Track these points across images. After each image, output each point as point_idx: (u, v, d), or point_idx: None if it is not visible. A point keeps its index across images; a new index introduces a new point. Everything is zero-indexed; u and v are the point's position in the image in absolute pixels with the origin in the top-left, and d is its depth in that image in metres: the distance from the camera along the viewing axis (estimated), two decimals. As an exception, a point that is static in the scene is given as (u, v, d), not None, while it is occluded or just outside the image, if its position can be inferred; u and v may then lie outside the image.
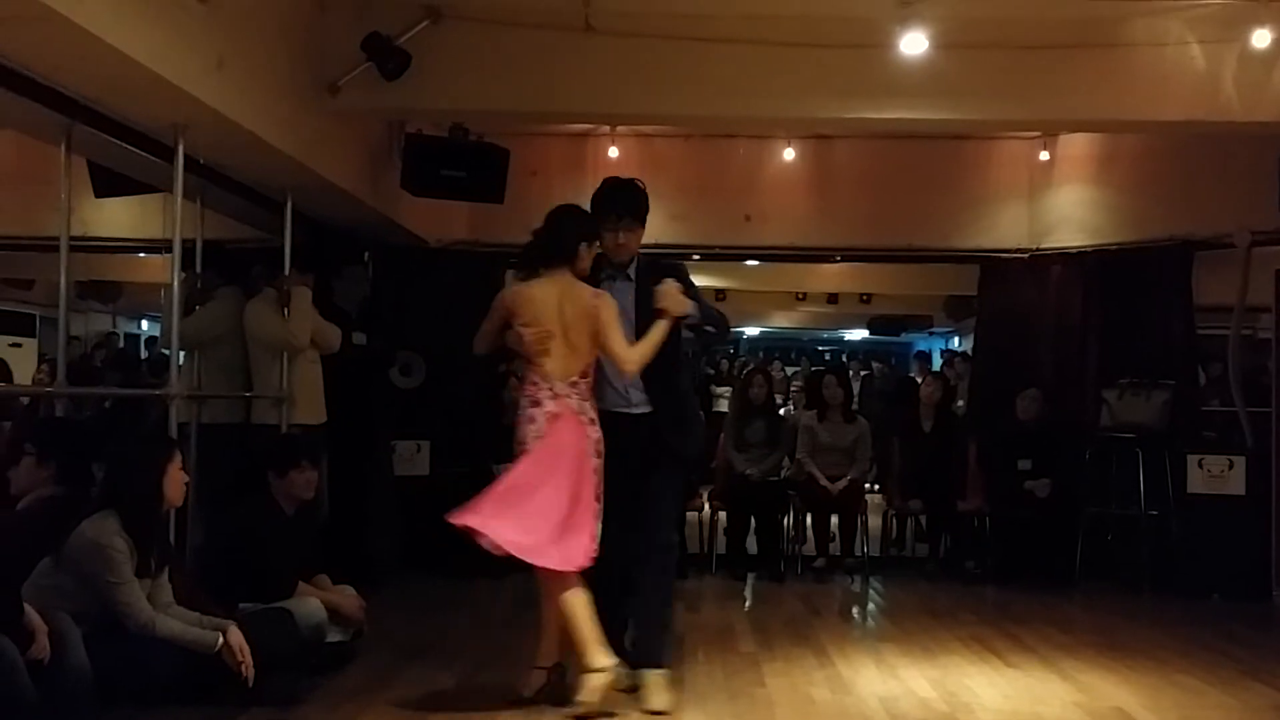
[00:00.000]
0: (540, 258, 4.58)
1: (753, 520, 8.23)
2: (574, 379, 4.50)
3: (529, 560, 4.32)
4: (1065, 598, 7.50)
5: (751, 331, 19.92)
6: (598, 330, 4.48)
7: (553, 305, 4.50)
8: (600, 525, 4.46)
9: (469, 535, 4.30)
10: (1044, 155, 8.57)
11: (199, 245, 6.36)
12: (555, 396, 4.47)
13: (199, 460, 5.84)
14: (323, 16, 6.12)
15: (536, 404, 4.48)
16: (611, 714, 4.40)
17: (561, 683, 4.57)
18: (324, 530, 6.02)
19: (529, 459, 4.42)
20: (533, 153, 8.33)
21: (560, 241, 4.56)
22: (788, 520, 8.35)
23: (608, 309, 4.52)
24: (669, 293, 4.55)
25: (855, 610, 7.50)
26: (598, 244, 4.65)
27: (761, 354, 19.17)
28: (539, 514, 4.33)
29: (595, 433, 4.51)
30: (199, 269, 6.38)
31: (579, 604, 4.39)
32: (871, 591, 7.86)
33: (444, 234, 8.54)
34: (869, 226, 8.77)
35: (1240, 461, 7.52)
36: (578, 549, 4.34)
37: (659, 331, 4.53)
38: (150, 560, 4.33)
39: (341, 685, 4.85)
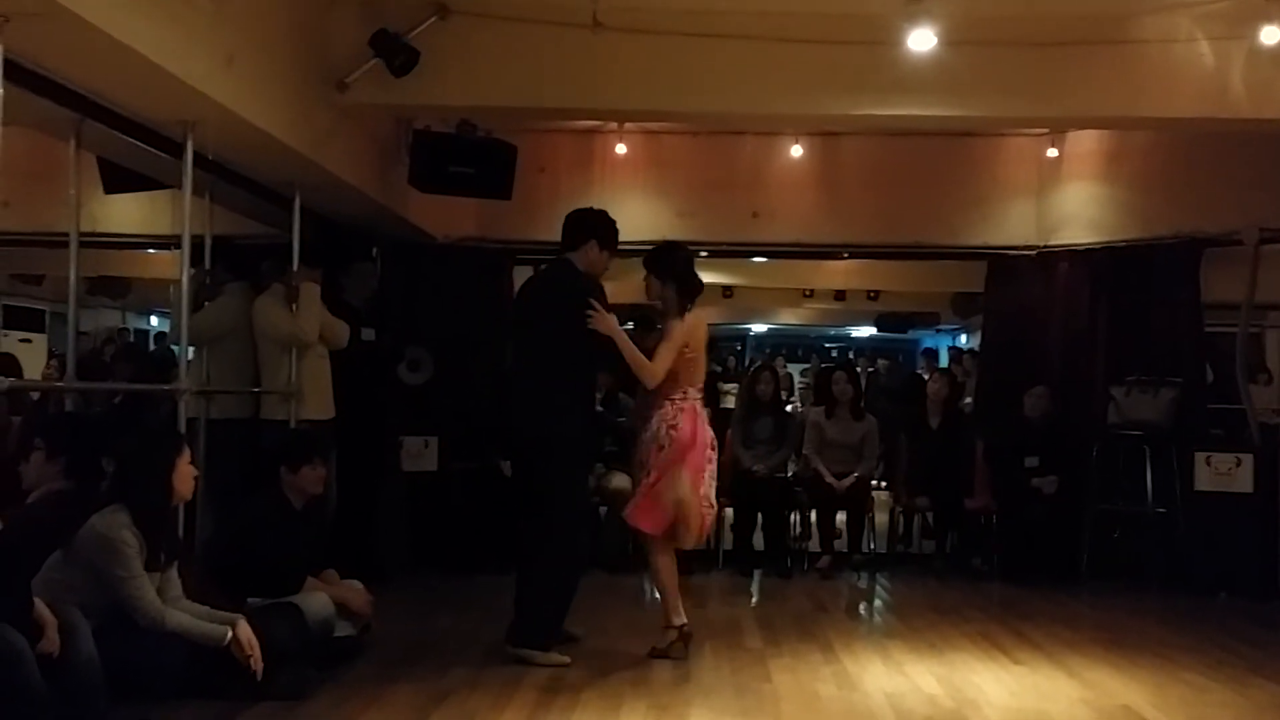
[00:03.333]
0: (691, 297, 5.57)
1: (760, 516, 8.23)
2: (700, 385, 5.56)
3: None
4: (1072, 595, 7.49)
5: (758, 328, 19.88)
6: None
7: (701, 332, 5.58)
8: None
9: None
10: (1052, 152, 8.54)
11: (208, 241, 6.38)
12: (687, 399, 5.45)
13: (208, 455, 5.87)
14: (331, 13, 6.12)
15: (680, 409, 5.41)
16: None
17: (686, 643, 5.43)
18: (332, 525, 6.05)
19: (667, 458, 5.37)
20: (541, 149, 8.33)
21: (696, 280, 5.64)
22: (795, 516, 8.37)
23: None
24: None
25: (862, 607, 7.52)
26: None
27: (768, 351, 19.13)
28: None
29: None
30: (208, 265, 6.41)
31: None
32: (878, 588, 7.87)
33: (452, 230, 8.55)
34: (876, 223, 8.74)
35: (1248, 459, 7.51)
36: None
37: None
38: (159, 554, 4.36)
39: (349, 679, 4.88)
